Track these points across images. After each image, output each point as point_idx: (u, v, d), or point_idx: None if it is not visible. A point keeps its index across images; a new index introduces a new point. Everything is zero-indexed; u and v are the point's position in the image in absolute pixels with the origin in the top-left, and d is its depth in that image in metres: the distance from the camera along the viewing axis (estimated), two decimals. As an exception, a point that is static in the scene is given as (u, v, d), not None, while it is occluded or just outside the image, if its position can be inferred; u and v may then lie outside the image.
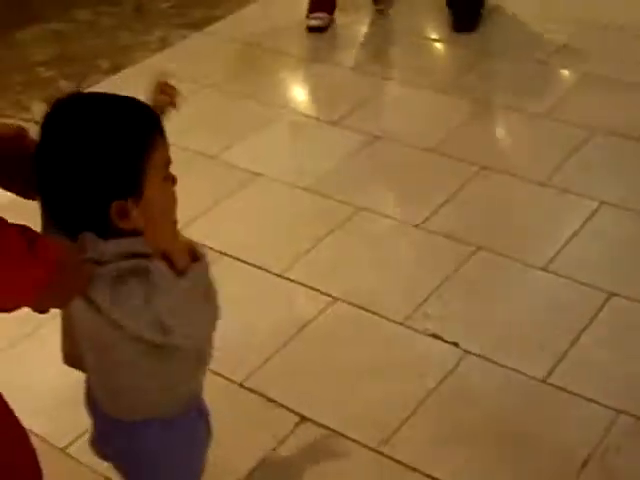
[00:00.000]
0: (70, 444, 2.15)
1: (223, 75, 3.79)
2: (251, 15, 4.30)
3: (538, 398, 2.20)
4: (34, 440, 1.67)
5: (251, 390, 2.23)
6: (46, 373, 2.33)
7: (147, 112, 1.36)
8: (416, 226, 2.80)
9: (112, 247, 1.32)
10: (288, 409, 2.19)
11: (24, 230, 1.19)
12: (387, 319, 2.43)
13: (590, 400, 2.16)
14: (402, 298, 2.50)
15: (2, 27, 4.35)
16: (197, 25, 4.25)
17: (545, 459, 2.03)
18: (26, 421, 1.45)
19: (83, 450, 2.07)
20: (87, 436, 1.75)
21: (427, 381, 2.23)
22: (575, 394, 2.18)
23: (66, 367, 1.64)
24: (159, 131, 1.35)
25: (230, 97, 3.61)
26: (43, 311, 1.34)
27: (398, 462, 2.04)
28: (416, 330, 2.39)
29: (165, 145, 1.36)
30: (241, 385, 2.26)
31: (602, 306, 2.43)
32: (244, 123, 3.42)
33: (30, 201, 1.39)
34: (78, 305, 1.35)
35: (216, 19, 4.28)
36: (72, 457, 2.13)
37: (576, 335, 2.34)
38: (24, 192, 1.42)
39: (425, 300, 2.48)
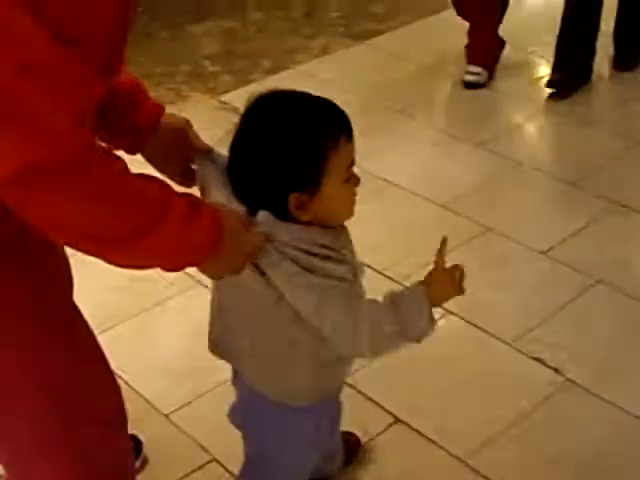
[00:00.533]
0: (173, 412, 2.27)
1: (372, 86, 3.88)
2: (413, 33, 4.38)
3: (631, 434, 2.17)
4: (141, 403, 1.79)
5: (351, 386, 2.30)
6: (168, 344, 2.48)
7: (337, 114, 1.44)
8: (542, 252, 2.80)
9: (286, 231, 1.42)
10: (383, 409, 2.25)
11: (188, 197, 1.29)
12: (495, 337, 2.46)
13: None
14: (514, 319, 2.52)
15: (177, 22, 4.59)
16: (360, 36, 4.36)
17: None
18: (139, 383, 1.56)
19: (184, 418, 2.21)
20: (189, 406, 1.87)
21: (523, 403, 2.24)
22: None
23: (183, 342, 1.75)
24: (346, 134, 1.43)
25: (377, 108, 3.69)
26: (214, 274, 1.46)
27: (482, 476, 2.06)
28: (522, 352, 2.40)
29: (350, 148, 1.44)
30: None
31: None
32: (387, 134, 3.50)
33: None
34: (248, 278, 1.45)
35: (380, 32, 4.38)
36: (174, 424, 2.25)
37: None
38: (179, 180, 1.57)
39: (537, 325, 2.49)
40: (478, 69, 3.78)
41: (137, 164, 1.40)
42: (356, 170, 1.49)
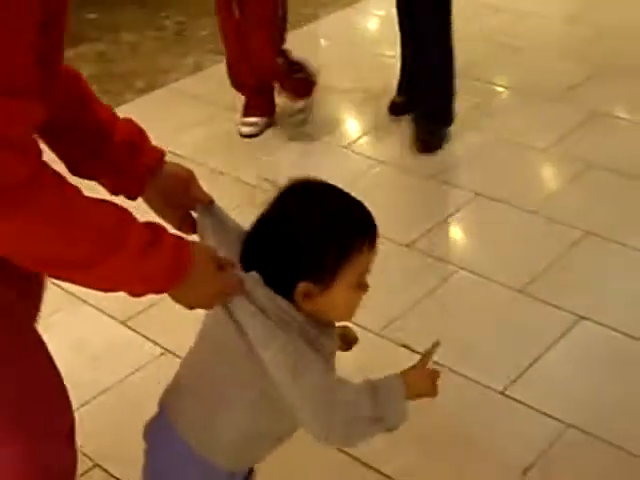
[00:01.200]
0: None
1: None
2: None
3: (491, 408, 2.36)
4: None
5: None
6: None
7: (368, 218, 1.45)
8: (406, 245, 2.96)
9: (266, 297, 1.40)
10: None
11: (150, 225, 1.31)
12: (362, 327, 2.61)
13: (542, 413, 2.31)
14: (380, 311, 2.66)
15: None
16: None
17: (489, 463, 2.19)
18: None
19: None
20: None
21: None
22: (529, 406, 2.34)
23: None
24: (370, 239, 1.44)
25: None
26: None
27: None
28: (390, 340, 2.55)
29: (371, 256, 1.44)
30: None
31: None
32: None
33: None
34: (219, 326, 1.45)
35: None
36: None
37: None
38: (178, 226, 1.57)
39: (403, 314, 2.64)
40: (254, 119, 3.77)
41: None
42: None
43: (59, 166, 1.33)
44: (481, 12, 4.74)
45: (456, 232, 3.24)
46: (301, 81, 3.71)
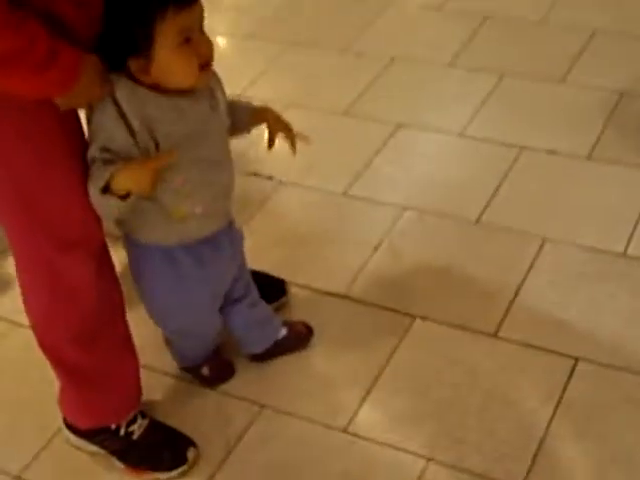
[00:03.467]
0: None
1: None
2: None
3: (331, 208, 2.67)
4: None
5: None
6: None
7: None
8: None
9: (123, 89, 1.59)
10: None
11: (52, 38, 1.43)
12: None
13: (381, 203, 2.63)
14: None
15: None
16: None
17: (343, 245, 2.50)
18: None
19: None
20: None
21: (251, 210, 2.63)
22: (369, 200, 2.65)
23: None
24: (175, 3, 1.54)
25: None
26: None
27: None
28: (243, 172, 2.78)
29: (183, 15, 1.55)
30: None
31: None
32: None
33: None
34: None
35: None
36: None
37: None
38: None
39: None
40: None
41: None
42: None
43: None
44: None
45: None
46: None
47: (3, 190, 1.63)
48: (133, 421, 1.98)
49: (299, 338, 2.19)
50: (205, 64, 1.63)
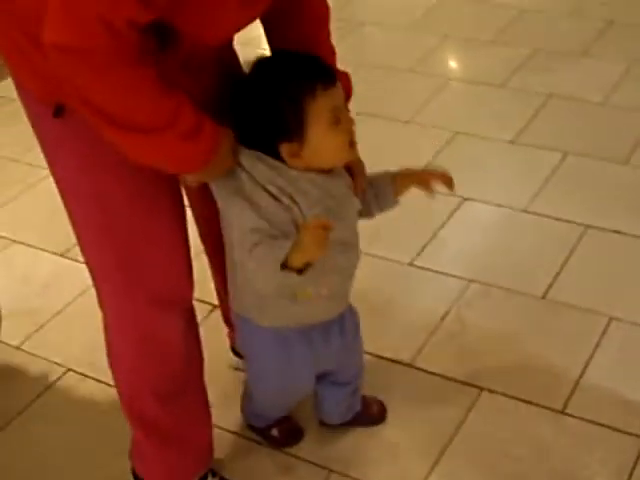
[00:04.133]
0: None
1: None
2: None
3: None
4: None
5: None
6: None
7: (311, 65, 1.56)
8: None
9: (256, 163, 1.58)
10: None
11: (198, 116, 1.46)
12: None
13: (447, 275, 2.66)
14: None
15: None
16: None
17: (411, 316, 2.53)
18: None
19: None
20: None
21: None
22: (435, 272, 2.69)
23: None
24: (322, 81, 1.54)
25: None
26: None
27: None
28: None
29: (331, 94, 1.55)
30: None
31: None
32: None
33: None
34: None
35: None
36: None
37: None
38: None
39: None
40: None
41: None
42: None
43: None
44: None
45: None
46: None
47: (102, 243, 1.65)
48: (204, 479, 2.00)
49: (372, 419, 2.19)
50: (352, 141, 1.61)
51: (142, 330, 1.75)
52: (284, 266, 1.51)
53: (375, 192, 1.81)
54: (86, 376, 2.40)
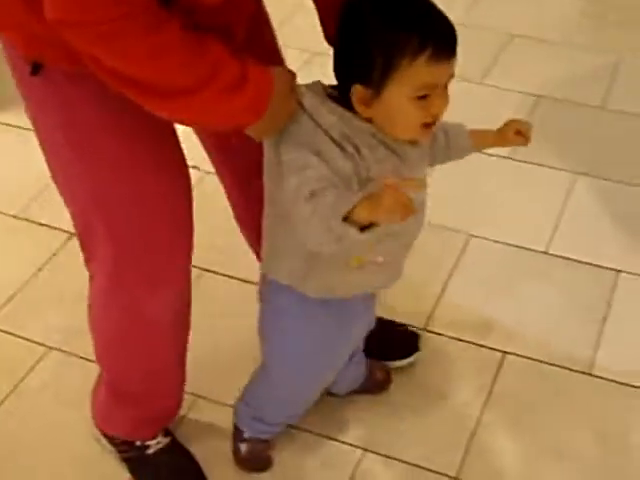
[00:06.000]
0: None
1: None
2: None
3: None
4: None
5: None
6: None
7: (433, 23, 1.33)
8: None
9: (325, 109, 1.38)
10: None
11: (242, 63, 1.30)
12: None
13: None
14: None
15: None
16: None
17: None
18: None
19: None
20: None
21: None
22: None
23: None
24: (435, 54, 1.31)
25: None
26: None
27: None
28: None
29: (434, 70, 1.32)
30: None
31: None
32: None
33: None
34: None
35: None
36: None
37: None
38: None
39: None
40: None
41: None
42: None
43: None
44: None
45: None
46: None
47: (89, 210, 1.51)
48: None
49: (378, 384, 2.06)
50: (431, 123, 1.40)
51: (128, 308, 1.63)
52: (346, 218, 1.28)
53: (447, 141, 1.63)
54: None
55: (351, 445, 1.97)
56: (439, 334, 2.20)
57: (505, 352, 2.15)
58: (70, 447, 1.98)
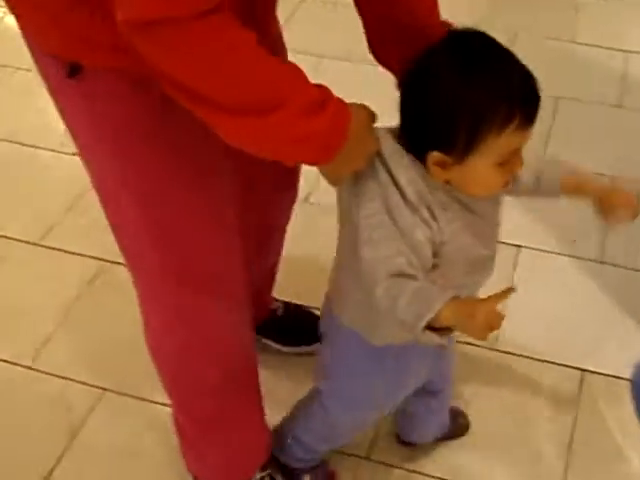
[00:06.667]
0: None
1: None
2: None
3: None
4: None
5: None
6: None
7: (521, 88, 1.22)
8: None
9: (402, 164, 1.27)
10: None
11: (320, 90, 1.16)
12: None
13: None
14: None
15: None
16: None
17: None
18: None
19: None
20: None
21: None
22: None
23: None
24: (522, 121, 1.22)
25: None
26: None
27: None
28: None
29: (520, 136, 1.23)
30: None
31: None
32: None
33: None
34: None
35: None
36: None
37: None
38: None
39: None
40: None
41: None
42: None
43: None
44: None
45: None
46: None
47: (137, 222, 1.40)
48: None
49: (459, 431, 2.00)
50: (509, 182, 1.34)
51: (182, 318, 1.52)
52: (426, 325, 1.21)
53: (537, 186, 1.52)
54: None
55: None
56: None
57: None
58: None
